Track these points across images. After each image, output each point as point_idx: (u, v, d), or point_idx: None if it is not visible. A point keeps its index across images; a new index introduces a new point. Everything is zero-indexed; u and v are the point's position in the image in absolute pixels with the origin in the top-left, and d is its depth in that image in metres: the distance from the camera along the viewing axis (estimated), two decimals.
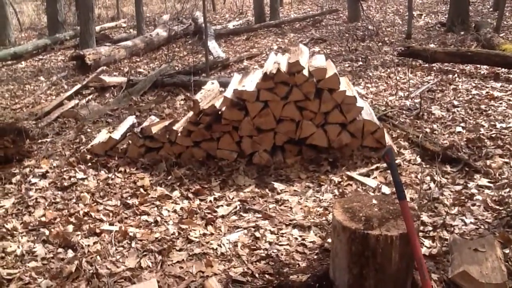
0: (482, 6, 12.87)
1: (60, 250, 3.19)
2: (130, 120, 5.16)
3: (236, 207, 3.69)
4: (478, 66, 6.95)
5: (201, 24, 10.74)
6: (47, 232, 3.38)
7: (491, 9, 11.97)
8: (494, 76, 6.50)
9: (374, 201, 2.66)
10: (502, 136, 4.43)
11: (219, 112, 4.32)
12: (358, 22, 11.53)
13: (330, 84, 4.14)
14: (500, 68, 6.63)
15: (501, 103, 5.36)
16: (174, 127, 4.47)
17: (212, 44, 9.69)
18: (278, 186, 3.96)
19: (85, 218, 3.59)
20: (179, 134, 4.42)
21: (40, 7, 16.73)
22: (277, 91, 4.16)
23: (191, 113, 4.48)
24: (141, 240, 3.26)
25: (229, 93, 4.35)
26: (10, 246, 3.24)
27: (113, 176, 4.27)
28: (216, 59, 8.55)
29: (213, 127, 4.36)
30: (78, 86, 7.25)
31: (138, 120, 5.41)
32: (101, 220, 3.57)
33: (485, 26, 9.07)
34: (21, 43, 12.29)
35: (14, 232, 3.43)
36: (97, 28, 11.87)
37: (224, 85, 5.36)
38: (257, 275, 2.85)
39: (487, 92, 5.78)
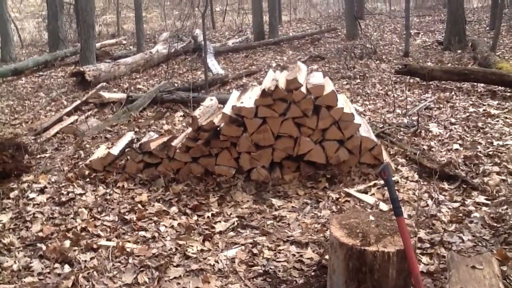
0: (478, 25, 13.05)
1: (56, 265, 3.17)
2: (129, 136, 5.17)
3: (234, 223, 3.68)
4: (475, 84, 7.01)
5: (201, 41, 10.84)
6: (44, 247, 3.36)
7: (487, 28, 12.13)
8: (491, 94, 6.56)
9: (371, 218, 2.66)
10: (499, 154, 4.45)
11: (218, 128, 4.34)
12: (356, 40, 11.66)
13: (327, 101, 4.17)
14: (496, 86, 6.70)
15: (498, 121, 5.39)
16: (173, 143, 4.48)
17: (212, 61, 9.76)
18: (276, 202, 3.97)
19: (83, 233, 3.58)
20: (178, 150, 4.43)
21: (41, 24, 16.88)
22: (275, 108, 4.19)
23: (189, 129, 4.51)
24: (138, 256, 3.25)
25: (227, 109, 4.39)
26: (7, 261, 3.22)
27: (111, 192, 4.27)
28: (215, 76, 8.61)
29: (212, 143, 4.37)
30: (78, 102, 7.29)
31: (137, 136, 5.43)
32: (98, 236, 3.56)
33: (482, 44, 9.18)
34: (21, 59, 12.38)
35: (11, 247, 3.42)
36: (98, 45, 11.97)
37: (223, 101, 5.38)
38: None
39: (484, 110, 5.83)
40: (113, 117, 6.62)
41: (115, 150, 4.72)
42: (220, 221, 3.73)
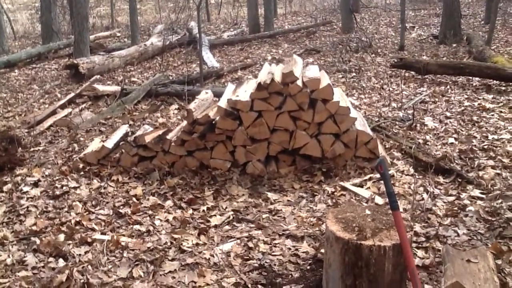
0: (473, 19, 13.05)
1: (51, 259, 3.15)
2: (124, 129, 5.14)
3: (229, 217, 3.67)
4: (470, 78, 7.02)
5: (196, 34, 10.78)
6: (38, 241, 3.34)
7: (482, 22, 12.13)
8: (486, 88, 6.56)
9: (368, 212, 2.66)
10: (494, 148, 4.46)
11: (213, 122, 4.32)
12: (352, 34, 11.63)
13: (323, 94, 4.15)
14: (492, 80, 6.70)
15: (493, 115, 5.40)
16: (168, 136, 4.46)
17: (207, 54, 9.71)
18: (271, 196, 3.95)
19: (77, 227, 3.56)
20: (173, 144, 4.41)
21: (34, 16, 16.72)
22: (271, 101, 4.17)
23: (184, 123, 4.48)
24: (133, 250, 3.23)
25: (223, 102, 4.36)
26: (0, 255, 3.20)
27: (105, 185, 4.24)
28: (210, 69, 8.57)
29: (207, 137, 4.35)
30: (72, 94, 7.23)
31: (132, 129, 5.40)
32: (93, 229, 3.54)
33: (477, 38, 9.19)
34: (14, 51, 12.26)
35: (5, 241, 3.39)
36: (92, 37, 11.87)
37: (218, 94, 5.35)
38: (249, 286, 2.83)
39: (479, 104, 5.83)
40: (107, 110, 6.57)
41: (110, 143, 4.68)
42: (215, 215, 3.71)
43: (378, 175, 4.00)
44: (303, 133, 4.22)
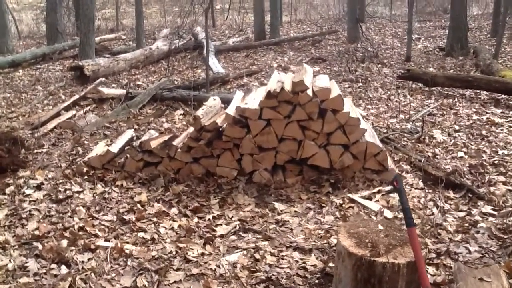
0: (479, 32, 13.03)
1: (53, 265, 3.08)
2: (129, 133, 5.08)
3: (235, 226, 3.60)
4: (478, 91, 6.97)
5: (201, 39, 10.75)
6: (40, 246, 3.27)
7: (488, 36, 12.11)
8: (494, 102, 6.52)
9: (380, 227, 2.60)
10: (505, 163, 4.41)
11: (220, 129, 4.26)
12: (358, 43, 11.59)
13: (334, 104, 4.10)
14: (500, 94, 6.65)
15: (502, 130, 5.35)
16: (174, 142, 4.40)
17: (212, 60, 9.67)
18: (278, 206, 3.89)
19: (80, 233, 3.49)
20: (179, 150, 4.34)
21: (39, 16, 16.71)
22: (280, 110, 4.12)
23: (191, 129, 4.42)
24: (137, 258, 3.16)
25: (231, 110, 4.30)
26: (2, 260, 3.12)
27: (109, 190, 4.17)
28: (215, 75, 8.52)
29: (214, 144, 4.29)
30: (76, 96, 7.17)
31: (137, 133, 5.33)
32: (96, 236, 3.47)
33: (484, 52, 9.15)
34: (19, 51, 12.23)
35: (6, 245, 3.32)
36: (97, 39, 11.81)
37: (224, 101, 5.30)
38: None
39: (487, 118, 5.78)
40: (112, 114, 6.51)
41: (115, 148, 4.62)
42: (221, 224, 3.64)
43: (387, 188, 3.95)
44: (312, 143, 4.16)
